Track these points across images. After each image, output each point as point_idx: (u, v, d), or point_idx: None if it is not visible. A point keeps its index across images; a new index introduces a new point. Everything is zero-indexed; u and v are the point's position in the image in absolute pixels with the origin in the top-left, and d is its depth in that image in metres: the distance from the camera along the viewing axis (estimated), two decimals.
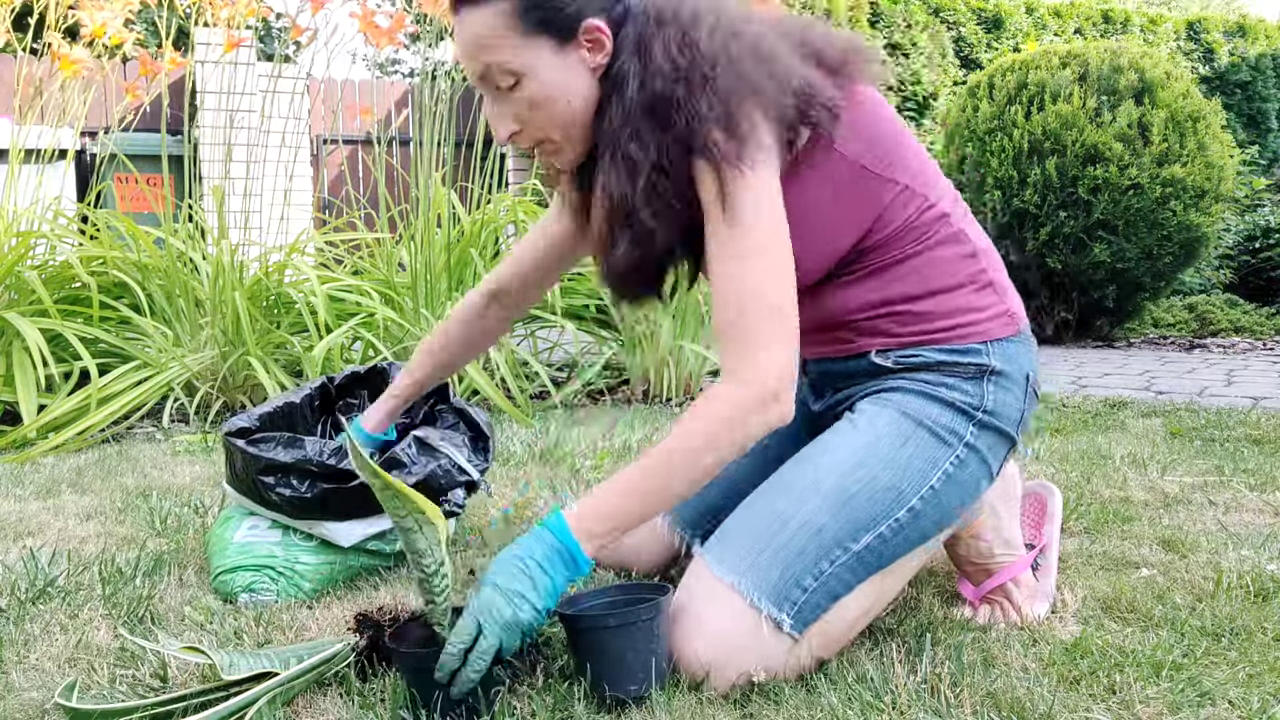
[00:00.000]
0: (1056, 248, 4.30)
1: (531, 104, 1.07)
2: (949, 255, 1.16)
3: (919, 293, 1.16)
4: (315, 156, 6.60)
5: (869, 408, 1.17)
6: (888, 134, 1.14)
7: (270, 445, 1.40)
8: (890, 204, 1.14)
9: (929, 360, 1.16)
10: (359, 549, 1.44)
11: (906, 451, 1.12)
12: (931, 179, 1.17)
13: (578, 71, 1.06)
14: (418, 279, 3.05)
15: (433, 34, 3.17)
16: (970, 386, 1.15)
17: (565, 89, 1.06)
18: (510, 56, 1.05)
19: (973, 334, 1.16)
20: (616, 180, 1.06)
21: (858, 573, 1.10)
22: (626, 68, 1.05)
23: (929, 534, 1.15)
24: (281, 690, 1.02)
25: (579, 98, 1.07)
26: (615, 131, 1.05)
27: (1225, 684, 1.05)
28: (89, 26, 2.94)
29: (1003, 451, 1.19)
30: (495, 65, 1.06)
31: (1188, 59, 7.63)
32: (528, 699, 1.02)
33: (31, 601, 1.34)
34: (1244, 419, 2.54)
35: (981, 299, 1.17)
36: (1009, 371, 1.17)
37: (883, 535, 1.10)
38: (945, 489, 1.13)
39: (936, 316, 1.16)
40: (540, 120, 1.09)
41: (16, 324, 2.60)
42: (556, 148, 1.12)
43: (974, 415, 1.15)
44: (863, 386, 1.21)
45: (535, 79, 1.06)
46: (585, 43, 1.06)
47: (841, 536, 1.09)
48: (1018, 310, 1.21)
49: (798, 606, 1.06)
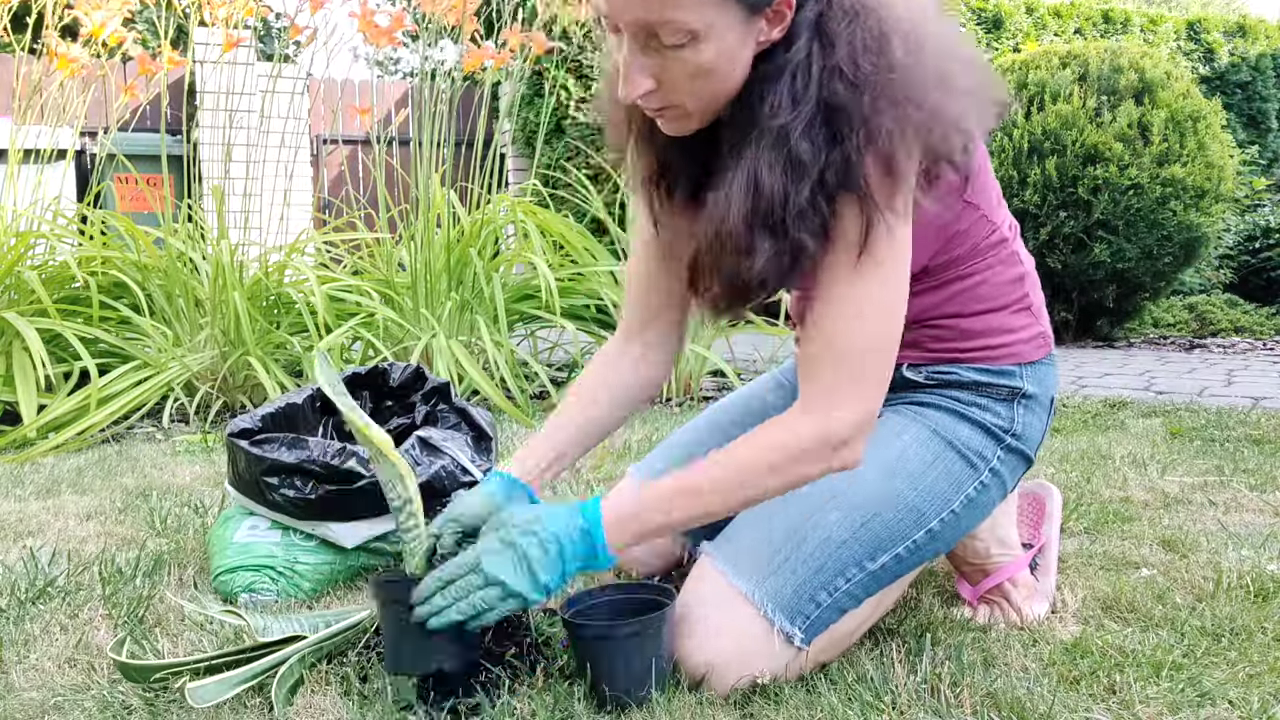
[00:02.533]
0: (1056, 248, 4.30)
1: (696, 68, 0.93)
2: (1000, 278, 1.15)
3: (964, 312, 1.14)
4: (315, 156, 6.60)
5: (896, 419, 1.15)
6: (981, 156, 1.11)
7: (274, 446, 1.40)
8: (969, 227, 1.11)
9: (964, 379, 1.15)
10: (360, 549, 1.44)
11: (934, 473, 1.11)
12: (997, 202, 1.15)
13: (750, 42, 0.94)
14: (417, 279, 3.05)
15: (432, 33, 3.17)
16: (1002, 409, 1.15)
17: (734, 59, 0.93)
18: (697, 15, 0.90)
19: (1008, 355, 1.15)
20: (775, 173, 0.93)
21: (870, 589, 1.10)
22: (804, 53, 0.92)
23: (941, 553, 1.15)
24: (311, 650, 1.09)
25: (741, 70, 0.95)
26: (781, 120, 0.93)
27: (1225, 684, 1.05)
28: (87, 26, 2.94)
29: (1021, 472, 1.19)
30: (674, 21, 0.90)
31: (1188, 59, 7.63)
32: (528, 699, 1.02)
33: (31, 601, 1.34)
34: (1244, 419, 2.54)
35: (1019, 320, 1.16)
36: (1038, 395, 1.17)
37: (899, 555, 1.10)
38: (965, 512, 1.13)
39: (976, 335, 1.14)
40: (692, 86, 0.95)
41: (16, 324, 2.60)
42: (684, 114, 0.98)
43: (1003, 439, 1.14)
44: (888, 397, 1.16)
45: (713, 44, 0.92)
46: (769, 13, 0.93)
47: (860, 556, 1.07)
48: (1049, 333, 1.21)
49: (810, 621, 1.06)
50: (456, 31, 3.18)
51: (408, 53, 14.04)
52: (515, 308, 3.23)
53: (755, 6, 0.91)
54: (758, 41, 0.94)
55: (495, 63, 3.15)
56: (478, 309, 3.06)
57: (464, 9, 3.06)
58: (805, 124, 0.92)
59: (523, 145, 6.74)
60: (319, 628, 1.14)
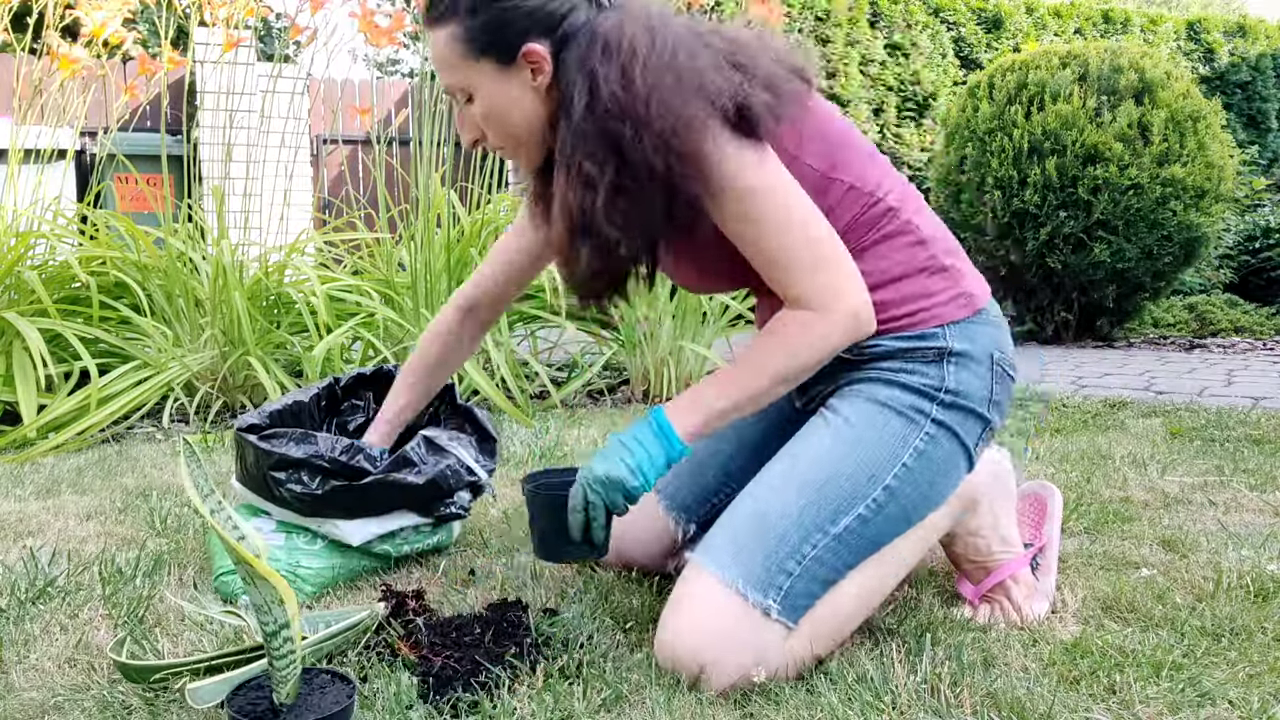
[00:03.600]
0: (1056, 248, 4.30)
1: (484, 116, 1.15)
2: (897, 246, 1.19)
3: (871, 285, 1.17)
4: (315, 156, 6.60)
5: (837, 402, 1.20)
6: (833, 135, 1.19)
7: (282, 441, 1.41)
8: (839, 203, 1.17)
9: (889, 349, 1.19)
10: (362, 551, 1.44)
11: (873, 433, 1.15)
12: (877, 175, 1.20)
13: (522, 90, 1.13)
14: (417, 279, 3.05)
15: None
16: (930, 369, 1.18)
17: (510, 106, 1.14)
18: (461, 76, 1.14)
19: (928, 319, 1.18)
20: (574, 194, 1.10)
21: (843, 556, 1.12)
22: (572, 91, 1.09)
23: (911, 515, 1.16)
24: (312, 650, 1.09)
25: (525, 114, 1.14)
26: (569, 149, 1.10)
27: (1225, 684, 1.05)
28: (88, 26, 2.94)
29: (976, 430, 1.20)
30: (451, 83, 1.15)
31: (1188, 59, 7.63)
32: (528, 699, 1.02)
33: (31, 601, 1.34)
34: (1244, 419, 2.54)
35: (934, 284, 1.20)
36: (970, 351, 1.19)
37: (862, 516, 1.12)
38: (919, 466, 1.15)
39: (890, 305, 1.18)
40: (494, 131, 1.17)
41: (16, 324, 2.60)
42: (511, 151, 1.19)
43: (936, 395, 1.17)
44: (830, 383, 1.24)
45: (482, 96, 1.14)
46: (527, 64, 1.11)
47: (821, 520, 1.11)
48: (977, 291, 1.23)
49: (784, 592, 1.08)
50: None
51: (408, 53, 14.04)
52: (515, 308, 3.23)
53: (505, 62, 1.11)
54: (532, 87, 1.13)
55: None
56: None
57: None
58: (586, 150, 1.09)
59: None
60: (319, 628, 1.15)
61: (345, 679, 0.95)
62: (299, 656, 0.91)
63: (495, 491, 1.34)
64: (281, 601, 0.87)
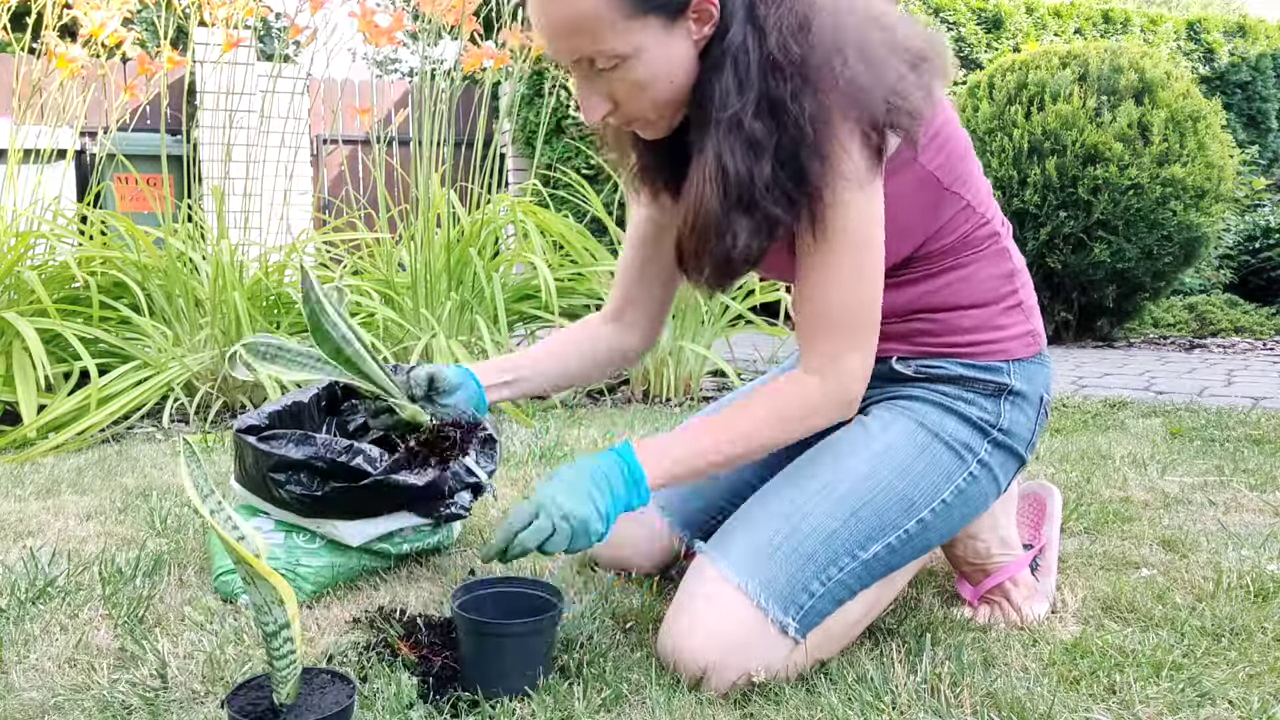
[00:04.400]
0: (1056, 248, 4.30)
1: (635, 85, 1.00)
2: (990, 273, 1.16)
3: (953, 305, 1.15)
4: (315, 156, 6.60)
5: (884, 414, 1.16)
6: (960, 147, 1.13)
7: (281, 442, 1.40)
8: (952, 218, 1.13)
9: (951, 373, 1.16)
10: (362, 550, 1.44)
11: (921, 463, 1.12)
12: (987, 195, 1.17)
13: (683, 46, 0.99)
14: (417, 279, 3.05)
15: (432, 33, 3.17)
16: (989, 404, 1.15)
17: (670, 67, 1.00)
18: (616, 40, 0.97)
19: (996, 352, 1.16)
20: (738, 157, 0.98)
21: (864, 580, 1.10)
22: (740, 41, 0.97)
23: (934, 545, 1.15)
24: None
25: (682, 73, 1.01)
26: (733, 107, 0.98)
27: (1225, 684, 1.05)
28: (87, 26, 2.94)
29: (1013, 469, 1.19)
30: (599, 50, 0.98)
31: (1188, 59, 7.63)
32: (527, 699, 1.02)
33: (31, 601, 1.34)
34: (1244, 419, 2.54)
35: (1009, 318, 1.17)
36: (1026, 392, 1.17)
37: (891, 545, 1.10)
38: (956, 503, 1.13)
39: (964, 330, 1.15)
40: (640, 100, 1.02)
41: (16, 324, 2.60)
42: (649, 122, 1.06)
43: (990, 433, 1.15)
44: (876, 391, 1.20)
45: (642, 60, 0.98)
46: (692, 15, 0.98)
47: (851, 544, 1.08)
48: (1040, 331, 1.21)
49: (804, 611, 1.06)
50: (456, 31, 3.18)
51: (407, 53, 14.04)
52: (515, 308, 3.23)
53: (672, 16, 0.98)
54: (694, 41, 1.00)
55: (495, 63, 3.15)
56: (477, 309, 3.06)
57: (464, 9, 3.06)
58: (754, 107, 0.98)
59: (522, 145, 6.74)
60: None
61: (345, 679, 0.95)
62: (299, 656, 0.90)
63: (496, 492, 1.33)
64: (281, 601, 0.86)
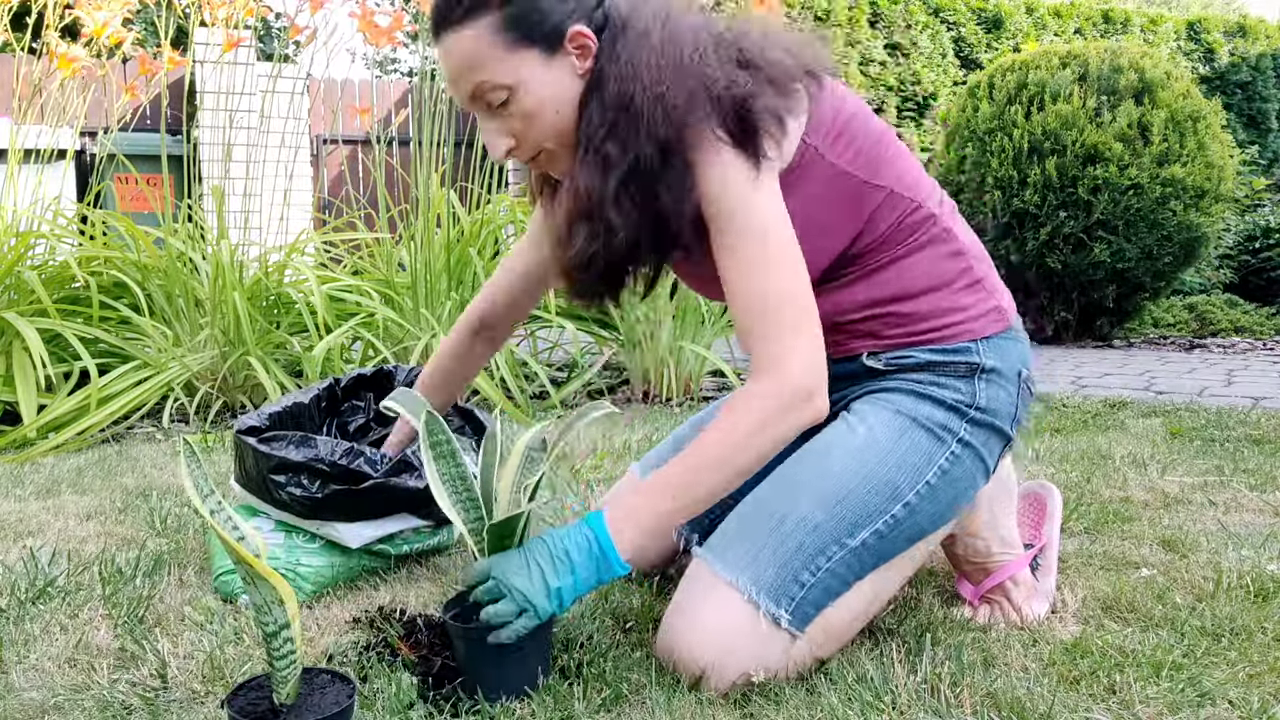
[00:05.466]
0: (1056, 248, 4.30)
1: (524, 117, 1.07)
2: (935, 255, 1.17)
3: (907, 294, 1.16)
4: (315, 156, 6.60)
5: (863, 407, 1.18)
6: (872, 138, 1.14)
7: (282, 444, 1.40)
8: (877, 209, 1.14)
9: (919, 361, 1.17)
10: (362, 551, 1.44)
11: (901, 448, 1.13)
12: (915, 179, 1.17)
13: (567, 79, 1.06)
14: (417, 279, 3.05)
15: (432, 33, 3.17)
16: (962, 385, 1.16)
17: (555, 98, 1.06)
18: (500, 72, 1.04)
19: (961, 333, 1.17)
20: (588, 175, 1.06)
21: (855, 569, 1.10)
22: (606, 71, 1.05)
23: (926, 530, 1.15)
24: None
25: (568, 105, 1.07)
26: (595, 130, 1.05)
27: (1225, 684, 1.05)
28: (88, 26, 2.94)
29: (998, 448, 1.19)
30: (486, 83, 1.05)
31: (1188, 59, 7.63)
32: (527, 699, 1.02)
33: (31, 601, 1.34)
34: (1244, 419, 2.54)
35: (969, 297, 1.18)
36: (1000, 368, 1.17)
37: (879, 531, 1.10)
38: (941, 484, 1.14)
39: (924, 317, 1.16)
40: (534, 132, 1.08)
41: (16, 324, 2.60)
42: (552, 156, 1.12)
43: (966, 413, 1.15)
44: (857, 388, 1.22)
45: (527, 91, 1.05)
46: (572, 49, 1.05)
47: (838, 533, 1.09)
48: (1007, 306, 1.22)
49: (795, 602, 1.07)
50: None
51: (407, 53, 14.03)
52: None
53: (550, 49, 1.05)
54: (580, 75, 1.07)
55: None
56: None
57: None
58: (609, 127, 1.04)
59: None
60: None
61: (345, 679, 0.95)
62: (299, 656, 0.90)
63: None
64: (281, 601, 0.87)
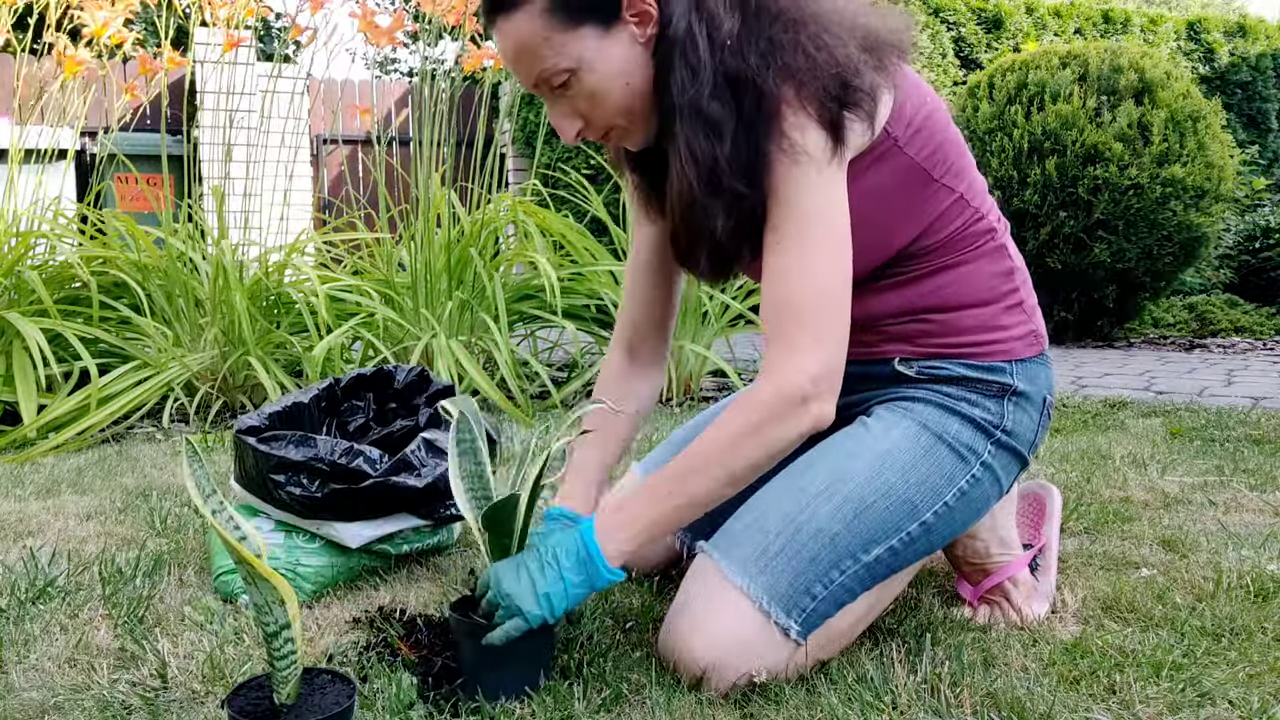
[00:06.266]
0: (1056, 248, 4.30)
1: (589, 96, 1.02)
2: (988, 270, 1.15)
3: (953, 304, 1.14)
4: (315, 156, 6.60)
5: (887, 415, 1.15)
6: (951, 140, 1.12)
7: (281, 444, 1.40)
8: (945, 211, 1.12)
9: (953, 374, 1.15)
10: (362, 550, 1.44)
11: (924, 466, 1.11)
12: (982, 190, 1.16)
13: (627, 49, 1.01)
14: (418, 279, 3.05)
15: (432, 33, 3.17)
16: (992, 404, 1.14)
17: (623, 71, 1.01)
18: (557, 55, 1.00)
19: (998, 352, 1.15)
20: (701, 142, 1.00)
21: (865, 582, 1.10)
22: (687, 28, 0.99)
23: (936, 547, 1.15)
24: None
25: (637, 75, 1.02)
26: (691, 93, 0.99)
27: (1225, 684, 1.05)
28: (90, 26, 2.94)
29: (1015, 471, 1.19)
30: (545, 69, 1.01)
31: (1188, 59, 7.63)
32: (527, 699, 1.02)
33: (31, 601, 1.34)
34: (1244, 419, 2.54)
35: (1011, 317, 1.16)
36: (1029, 392, 1.17)
37: (893, 548, 1.10)
38: (959, 505, 1.13)
39: (966, 330, 1.15)
40: (603, 110, 1.04)
41: (17, 324, 2.60)
42: (625, 131, 1.07)
43: (993, 434, 1.14)
44: (879, 392, 1.20)
45: (589, 70, 1.01)
46: (631, 18, 1.00)
47: (854, 547, 1.08)
48: (1042, 332, 1.21)
49: (806, 614, 1.06)
50: (456, 31, 3.18)
51: (407, 53, 14.04)
52: (515, 308, 3.23)
53: (608, 21, 0.99)
54: (641, 43, 1.01)
55: (495, 63, 3.16)
56: (479, 309, 3.06)
57: (464, 9, 3.06)
58: (710, 89, 0.99)
59: (523, 145, 6.74)
60: None
61: (345, 679, 0.95)
62: (299, 656, 0.90)
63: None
64: (282, 602, 0.86)
